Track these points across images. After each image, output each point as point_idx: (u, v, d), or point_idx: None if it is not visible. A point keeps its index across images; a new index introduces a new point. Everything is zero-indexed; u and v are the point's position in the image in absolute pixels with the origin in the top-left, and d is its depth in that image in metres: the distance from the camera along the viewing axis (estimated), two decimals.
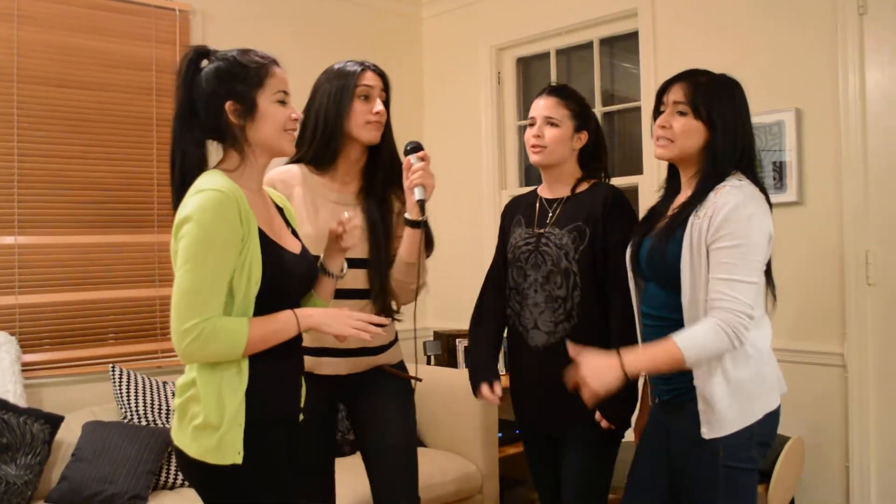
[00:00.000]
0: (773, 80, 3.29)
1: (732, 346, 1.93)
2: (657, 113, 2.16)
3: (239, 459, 1.75)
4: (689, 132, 2.07)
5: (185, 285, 1.71)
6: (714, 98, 2.06)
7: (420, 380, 2.44)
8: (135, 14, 3.71)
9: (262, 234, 1.80)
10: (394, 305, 2.40)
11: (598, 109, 4.13)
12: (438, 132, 4.83)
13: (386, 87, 2.39)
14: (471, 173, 4.59)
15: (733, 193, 1.97)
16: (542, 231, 2.48)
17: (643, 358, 1.98)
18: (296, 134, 1.94)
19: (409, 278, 2.34)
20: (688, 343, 1.93)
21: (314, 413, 2.24)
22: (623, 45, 4.09)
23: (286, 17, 4.28)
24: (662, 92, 2.15)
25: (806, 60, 3.24)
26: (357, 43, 4.54)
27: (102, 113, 3.62)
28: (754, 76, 3.32)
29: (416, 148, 2.28)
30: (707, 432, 1.98)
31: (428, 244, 2.35)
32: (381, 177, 2.39)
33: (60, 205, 3.50)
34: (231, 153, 1.87)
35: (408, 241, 2.30)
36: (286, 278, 1.87)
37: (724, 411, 1.97)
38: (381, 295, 2.32)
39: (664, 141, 2.12)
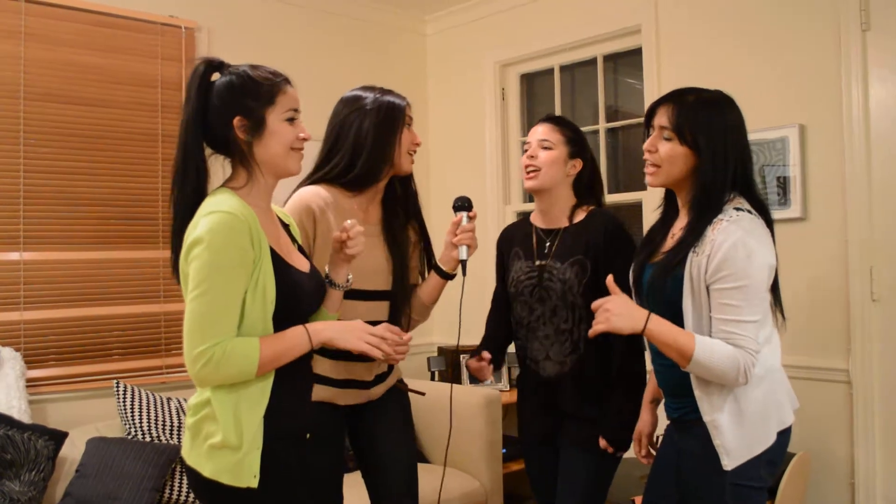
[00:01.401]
0: (776, 95, 3.30)
1: (738, 380, 1.91)
2: (647, 135, 2.13)
3: (255, 483, 1.75)
4: (674, 158, 2.03)
5: (195, 311, 1.71)
6: (701, 120, 2.01)
7: (423, 394, 2.58)
8: (140, 31, 3.74)
9: (273, 254, 1.80)
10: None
11: (602, 125, 4.15)
12: (442, 147, 4.85)
13: None
14: (475, 189, 4.58)
15: (730, 230, 1.92)
16: (543, 264, 2.47)
17: (663, 328, 1.94)
18: (303, 153, 1.91)
19: (421, 318, 2.49)
20: (704, 347, 1.90)
21: (327, 433, 2.26)
22: (627, 62, 4.10)
23: (291, 34, 4.31)
24: (650, 114, 2.10)
25: (809, 76, 3.25)
26: (362, 59, 4.57)
27: (108, 129, 3.64)
28: (758, 92, 3.33)
29: (465, 205, 2.36)
30: (728, 463, 1.96)
31: None
32: (408, 208, 2.44)
33: (65, 221, 3.51)
34: (239, 170, 1.86)
35: (433, 287, 2.44)
36: (298, 298, 1.86)
37: (739, 441, 1.96)
38: (405, 327, 2.39)
39: (651, 167, 2.09)
